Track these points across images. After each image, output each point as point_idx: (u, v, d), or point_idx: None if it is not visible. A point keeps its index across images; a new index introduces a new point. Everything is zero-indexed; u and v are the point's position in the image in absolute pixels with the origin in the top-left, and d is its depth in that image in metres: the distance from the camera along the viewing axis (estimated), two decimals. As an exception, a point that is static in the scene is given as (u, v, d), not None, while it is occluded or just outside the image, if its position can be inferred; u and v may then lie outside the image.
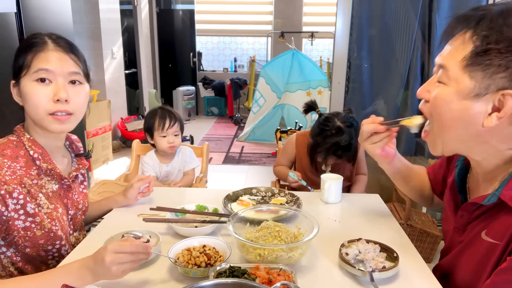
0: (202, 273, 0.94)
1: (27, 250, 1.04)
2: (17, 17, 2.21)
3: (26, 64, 1.00)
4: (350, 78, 2.51)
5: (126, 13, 5.74)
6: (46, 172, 1.06)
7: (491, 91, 0.74)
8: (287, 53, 5.27)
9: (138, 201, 1.41)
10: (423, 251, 2.41)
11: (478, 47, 0.74)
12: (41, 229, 1.03)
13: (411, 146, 2.60)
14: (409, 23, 2.35)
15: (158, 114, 2.00)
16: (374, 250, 1.03)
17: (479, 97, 0.75)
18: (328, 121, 1.76)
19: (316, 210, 1.41)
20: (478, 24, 0.75)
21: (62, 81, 1.02)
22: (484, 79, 0.74)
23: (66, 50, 1.04)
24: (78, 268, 0.86)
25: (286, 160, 2.07)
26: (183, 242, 1.06)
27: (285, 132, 4.59)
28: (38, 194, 1.03)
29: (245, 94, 7.09)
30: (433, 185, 1.23)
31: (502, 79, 0.73)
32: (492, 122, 0.76)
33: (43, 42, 1.02)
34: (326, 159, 1.79)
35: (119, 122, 4.98)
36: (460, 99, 0.78)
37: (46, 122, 1.02)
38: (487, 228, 0.85)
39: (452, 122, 0.81)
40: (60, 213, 1.09)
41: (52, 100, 1.00)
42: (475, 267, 0.88)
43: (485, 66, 0.74)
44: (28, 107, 1.02)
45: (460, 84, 0.77)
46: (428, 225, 2.47)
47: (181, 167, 2.09)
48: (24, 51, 1.01)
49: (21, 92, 1.02)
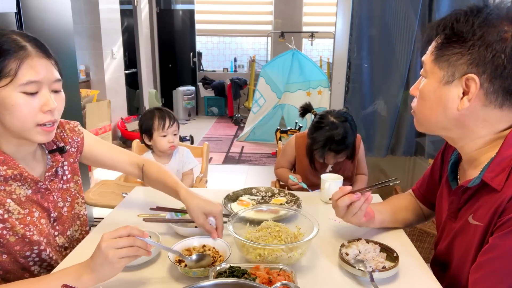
0: (202, 273, 0.94)
1: (4, 256, 1.00)
2: (17, 17, 2.21)
3: (9, 72, 0.90)
4: (350, 78, 2.51)
5: (126, 13, 5.74)
6: (14, 177, 1.00)
7: (457, 77, 0.85)
8: (287, 53, 5.27)
9: (139, 200, 1.41)
10: (423, 251, 2.41)
11: (439, 43, 0.88)
12: (14, 235, 0.99)
13: (411, 146, 2.60)
14: (409, 23, 2.35)
15: (156, 115, 2.01)
16: (374, 250, 1.03)
17: (450, 83, 0.87)
18: (322, 118, 1.81)
19: (316, 210, 1.41)
20: (439, 26, 0.90)
21: (47, 90, 0.96)
22: (449, 67, 0.86)
23: (47, 55, 0.97)
24: (76, 268, 0.86)
25: (286, 162, 2.06)
26: (183, 242, 1.06)
27: (285, 132, 4.59)
28: (6, 200, 0.99)
29: (245, 94, 7.09)
30: (425, 197, 1.24)
31: (462, 65, 0.84)
32: (464, 105, 0.86)
33: (22, 46, 0.92)
34: (324, 155, 1.78)
35: (119, 122, 4.98)
36: (436, 87, 0.89)
37: (32, 133, 0.96)
38: (474, 213, 0.91)
39: (432, 109, 0.92)
40: (36, 218, 1.05)
41: (41, 111, 0.95)
42: (464, 252, 0.93)
43: (447, 56, 0.86)
44: (12, 119, 0.93)
45: (434, 74, 0.89)
46: (428, 225, 2.47)
47: (179, 168, 2.09)
48: (0, 56, 0.90)
49: (0, 102, 0.91)
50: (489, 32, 0.81)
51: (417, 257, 1.08)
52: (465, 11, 0.86)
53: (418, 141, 2.60)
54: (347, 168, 1.96)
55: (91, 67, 4.67)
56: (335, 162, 1.88)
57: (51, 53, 0.99)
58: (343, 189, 1.09)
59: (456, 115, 0.88)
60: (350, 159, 1.90)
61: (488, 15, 0.83)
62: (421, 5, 2.31)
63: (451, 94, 0.87)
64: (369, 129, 2.54)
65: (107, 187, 2.22)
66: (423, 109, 0.94)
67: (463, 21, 0.84)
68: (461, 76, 0.84)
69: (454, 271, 0.99)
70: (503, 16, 0.83)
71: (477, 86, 0.83)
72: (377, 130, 2.57)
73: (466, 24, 0.84)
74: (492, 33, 0.81)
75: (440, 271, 1.06)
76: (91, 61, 4.65)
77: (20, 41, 0.93)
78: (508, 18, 0.83)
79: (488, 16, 0.83)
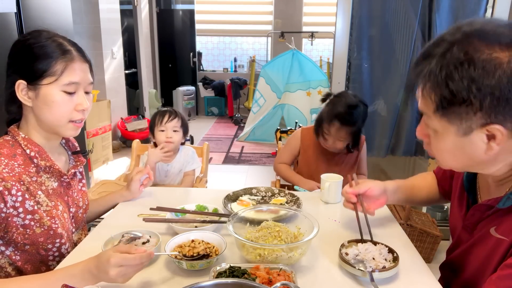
0: (208, 264, 0.97)
1: (26, 247, 1.03)
2: (17, 17, 2.21)
3: (54, 72, 1.01)
4: (350, 78, 2.51)
5: (126, 13, 5.74)
6: (44, 169, 1.07)
7: (476, 128, 0.76)
8: (287, 53, 5.27)
9: (139, 199, 1.41)
10: (423, 251, 2.41)
11: (438, 105, 0.77)
12: (40, 227, 1.03)
13: (411, 146, 2.60)
14: (409, 23, 2.35)
15: (159, 112, 2.05)
16: (379, 251, 1.03)
17: (469, 134, 0.77)
18: (339, 95, 1.87)
19: (316, 210, 1.41)
20: (427, 82, 0.78)
21: (82, 91, 1.07)
22: (463, 122, 0.76)
23: (86, 60, 1.09)
24: (81, 272, 0.86)
25: (289, 154, 2.06)
26: (173, 241, 1.06)
27: (285, 132, 4.59)
28: (37, 191, 1.03)
29: (245, 94, 7.08)
30: (440, 183, 1.24)
31: (479, 119, 0.74)
32: (493, 149, 0.77)
33: (68, 50, 1.04)
34: (330, 123, 1.78)
35: (119, 122, 4.98)
36: (454, 140, 0.80)
37: (64, 128, 1.07)
38: (497, 225, 0.88)
39: (455, 157, 0.83)
40: (60, 211, 1.10)
41: (75, 109, 1.06)
42: (482, 262, 0.91)
43: (456, 114, 0.76)
44: (49, 113, 1.04)
45: (447, 129, 0.80)
46: (428, 225, 2.47)
47: (182, 167, 2.09)
48: (48, 57, 1.01)
49: (42, 97, 1.02)
50: (488, 75, 0.70)
51: (417, 257, 1.08)
52: (451, 64, 0.73)
53: (418, 141, 2.60)
54: (350, 163, 1.98)
55: (91, 67, 4.67)
56: (334, 146, 1.85)
57: (88, 58, 1.10)
58: None
59: (484, 158, 0.80)
60: (352, 150, 1.91)
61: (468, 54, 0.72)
62: (421, 5, 2.31)
63: (474, 143, 0.78)
64: (369, 129, 2.54)
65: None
66: (445, 158, 0.86)
67: (454, 77, 0.73)
68: (480, 127, 0.75)
69: (468, 279, 0.97)
70: (481, 44, 0.72)
71: (503, 133, 0.74)
72: (377, 130, 2.57)
73: (461, 82, 0.72)
74: (491, 75, 0.70)
75: (450, 275, 1.05)
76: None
77: (66, 45, 1.05)
78: (489, 42, 0.72)
79: (472, 56, 0.72)
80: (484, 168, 0.86)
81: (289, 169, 2.04)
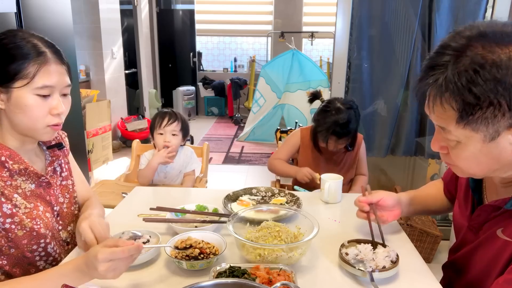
0: (208, 264, 0.97)
1: (12, 251, 1.02)
2: (17, 17, 2.21)
3: (27, 75, 0.96)
4: (350, 78, 2.50)
5: (126, 13, 5.75)
6: (19, 172, 1.04)
7: (502, 131, 0.75)
8: (287, 53, 5.27)
9: (139, 199, 1.41)
10: (423, 251, 2.41)
11: (462, 113, 0.75)
12: (22, 229, 1.01)
13: (410, 146, 2.60)
14: (409, 23, 2.35)
15: (159, 114, 2.02)
16: (387, 252, 1.03)
17: (496, 138, 0.76)
18: (329, 103, 1.88)
19: (316, 210, 1.41)
20: (447, 90, 0.75)
21: (58, 94, 1.02)
22: (488, 128, 0.75)
23: (62, 61, 1.02)
24: (72, 271, 0.86)
25: (287, 152, 2.07)
26: (170, 242, 1.05)
27: (285, 132, 4.59)
28: (13, 194, 1.01)
29: (245, 94, 7.09)
30: (447, 187, 1.23)
31: (506, 120, 0.73)
32: None
33: (42, 52, 0.98)
34: (327, 138, 1.83)
35: (119, 122, 4.99)
36: (481, 147, 0.78)
37: (40, 133, 1.03)
38: (504, 227, 0.87)
39: (481, 163, 0.81)
40: (41, 211, 1.07)
41: (50, 113, 1.01)
42: (487, 264, 0.90)
43: (482, 120, 0.74)
44: (23, 117, 0.99)
45: (471, 138, 0.77)
46: (428, 225, 2.47)
47: (181, 168, 2.08)
48: (21, 59, 0.95)
49: (14, 100, 0.97)
50: (508, 74, 0.70)
51: (417, 257, 1.08)
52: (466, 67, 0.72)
53: (418, 141, 2.60)
54: (348, 161, 1.99)
55: (91, 67, 4.67)
56: (335, 149, 1.90)
57: (65, 59, 1.05)
58: None
59: (511, 160, 0.79)
60: (350, 148, 1.94)
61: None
62: (421, 5, 2.31)
63: (500, 146, 0.77)
64: (369, 129, 2.54)
65: (107, 187, 2.22)
66: (469, 166, 0.83)
67: (477, 81, 0.71)
68: (507, 128, 0.74)
69: (472, 280, 0.97)
70: (491, 43, 0.72)
71: None
72: (377, 130, 2.57)
73: (485, 84, 0.71)
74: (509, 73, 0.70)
75: (454, 275, 1.05)
76: (91, 61, 4.66)
77: (40, 47, 0.99)
78: (497, 41, 0.72)
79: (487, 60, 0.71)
80: (508, 170, 0.84)
81: (285, 162, 2.05)
